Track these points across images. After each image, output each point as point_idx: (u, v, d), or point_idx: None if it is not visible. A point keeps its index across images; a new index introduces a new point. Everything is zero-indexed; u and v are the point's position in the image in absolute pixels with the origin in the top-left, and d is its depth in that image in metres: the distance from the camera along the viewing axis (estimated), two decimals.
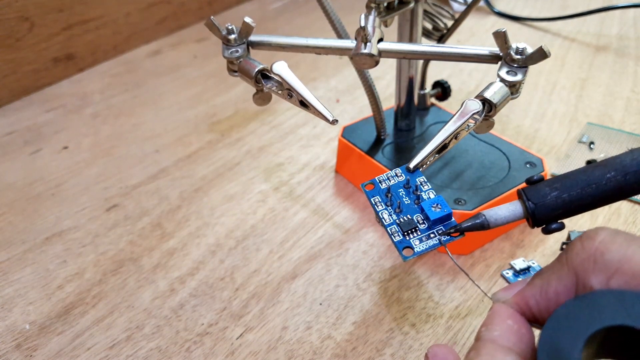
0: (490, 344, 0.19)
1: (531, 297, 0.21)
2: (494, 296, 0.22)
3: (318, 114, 0.33)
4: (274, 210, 0.45)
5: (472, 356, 0.19)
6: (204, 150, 0.54)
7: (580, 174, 0.23)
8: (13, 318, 0.37)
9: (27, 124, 0.60)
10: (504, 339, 0.19)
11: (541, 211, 0.23)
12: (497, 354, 0.19)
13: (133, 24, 0.76)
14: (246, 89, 0.64)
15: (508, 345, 0.19)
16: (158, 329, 0.36)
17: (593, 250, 0.19)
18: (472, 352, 0.20)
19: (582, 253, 0.19)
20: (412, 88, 0.45)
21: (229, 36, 0.36)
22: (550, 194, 0.23)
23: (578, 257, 0.20)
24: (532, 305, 0.21)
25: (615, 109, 0.55)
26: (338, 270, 0.39)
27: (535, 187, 0.24)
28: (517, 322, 0.20)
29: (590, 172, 0.23)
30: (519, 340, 0.20)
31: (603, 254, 0.19)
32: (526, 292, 0.21)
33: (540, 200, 0.23)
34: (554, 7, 0.80)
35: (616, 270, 0.18)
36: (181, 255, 0.41)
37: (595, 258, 0.19)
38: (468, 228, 0.25)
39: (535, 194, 0.23)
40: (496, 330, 0.20)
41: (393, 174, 0.28)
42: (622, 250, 0.19)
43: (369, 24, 0.35)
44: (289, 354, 0.34)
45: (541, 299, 0.20)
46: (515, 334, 0.20)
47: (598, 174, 0.23)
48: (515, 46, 0.31)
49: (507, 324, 0.20)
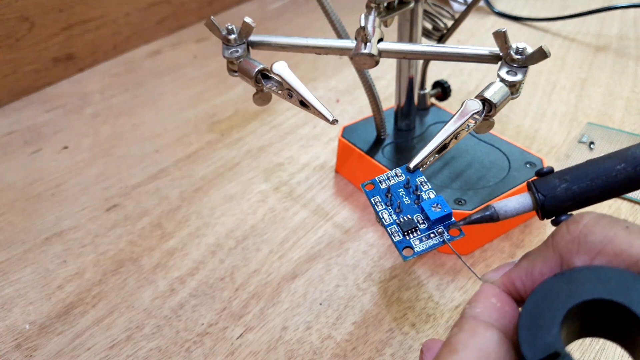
0: (472, 320, 0.20)
1: (517, 277, 0.21)
2: (483, 277, 0.23)
3: (318, 114, 0.33)
4: (274, 210, 0.45)
5: (455, 331, 0.20)
6: (204, 150, 0.54)
7: (590, 165, 0.23)
8: (13, 318, 0.37)
9: (27, 124, 0.60)
10: (485, 315, 0.20)
11: (551, 203, 0.23)
12: (479, 328, 0.19)
13: (133, 24, 0.76)
14: (246, 89, 0.64)
15: (490, 321, 0.20)
16: (158, 329, 0.36)
17: (577, 233, 0.20)
18: (455, 327, 0.20)
19: (567, 235, 0.20)
20: (412, 88, 0.45)
21: (229, 36, 0.36)
22: (559, 185, 0.23)
23: (563, 240, 0.20)
24: (518, 285, 0.21)
25: (615, 109, 0.55)
26: (338, 270, 0.39)
27: (545, 179, 0.24)
28: (501, 301, 0.21)
29: (601, 164, 0.23)
30: (501, 317, 0.20)
31: (586, 236, 0.19)
32: (512, 273, 0.22)
33: (549, 192, 0.23)
34: (554, 7, 0.80)
35: (599, 251, 0.19)
36: (181, 255, 0.41)
37: (579, 240, 0.20)
38: (477, 220, 0.25)
39: (545, 186, 0.23)
40: (479, 307, 0.20)
41: (393, 174, 0.28)
42: (604, 232, 0.19)
43: (369, 24, 0.35)
44: (289, 354, 0.34)
45: (526, 279, 0.21)
46: (497, 310, 0.20)
47: (608, 166, 0.23)
48: (515, 46, 0.31)
49: (490, 302, 0.21)
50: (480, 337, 0.19)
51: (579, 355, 0.32)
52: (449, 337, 0.20)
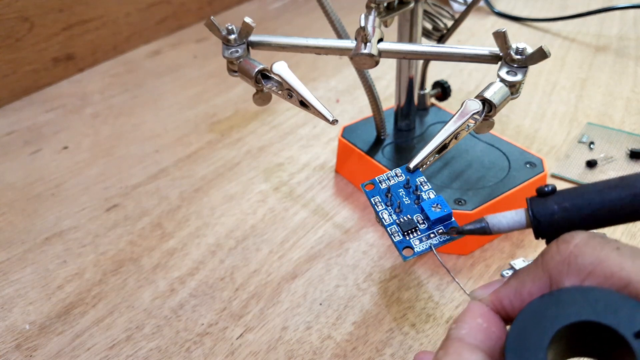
0: (458, 342, 0.20)
1: (505, 297, 0.21)
2: (471, 293, 0.22)
3: (318, 114, 0.33)
4: (274, 210, 0.45)
5: (440, 355, 0.19)
6: (204, 150, 0.54)
7: (595, 195, 0.21)
8: (13, 318, 0.37)
9: (27, 124, 0.60)
10: (471, 337, 0.20)
11: (545, 229, 0.22)
12: (464, 352, 0.19)
13: (133, 24, 0.76)
14: (246, 89, 0.64)
15: (475, 343, 0.19)
16: (158, 329, 0.36)
17: (567, 254, 0.19)
18: (440, 351, 0.20)
19: (557, 256, 0.20)
20: (412, 88, 0.45)
21: (229, 36, 0.36)
22: (557, 212, 0.22)
23: (553, 260, 0.20)
24: (506, 305, 0.21)
25: (615, 109, 0.55)
26: (338, 270, 0.39)
27: (544, 201, 0.22)
28: (488, 321, 0.20)
29: (606, 194, 0.21)
30: (486, 338, 0.20)
31: (577, 257, 0.19)
32: (501, 292, 0.21)
33: (545, 218, 0.22)
34: (554, 7, 0.80)
35: (589, 273, 0.19)
36: (181, 255, 0.41)
37: (570, 261, 0.19)
38: (470, 231, 0.24)
39: (542, 210, 0.22)
40: (464, 329, 0.20)
41: (393, 174, 0.28)
42: (595, 253, 0.19)
43: (369, 24, 0.35)
44: (289, 354, 0.34)
45: (515, 299, 0.21)
46: (483, 332, 0.20)
47: (614, 197, 0.21)
48: (515, 46, 0.31)
49: (476, 322, 0.20)
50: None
51: None
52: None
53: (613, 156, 0.48)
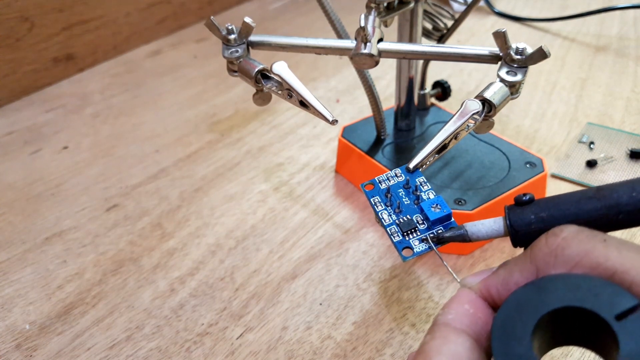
0: (444, 327, 0.20)
1: (493, 286, 0.21)
2: (462, 281, 0.23)
3: (318, 114, 0.33)
4: (274, 210, 0.45)
5: (427, 339, 0.20)
6: (204, 150, 0.54)
7: (570, 205, 0.22)
8: (13, 318, 0.37)
9: (27, 124, 0.60)
10: (457, 322, 0.20)
11: (522, 239, 0.23)
12: (451, 335, 0.19)
13: (133, 24, 0.76)
14: (246, 89, 0.64)
15: (461, 327, 0.20)
16: (158, 329, 0.36)
17: (555, 246, 0.20)
18: (427, 335, 0.20)
19: (545, 248, 0.20)
20: (412, 88, 0.45)
21: (229, 36, 0.36)
22: (534, 222, 0.22)
23: (540, 252, 0.20)
24: (494, 293, 0.21)
25: (615, 109, 0.55)
26: (338, 270, 0.39)
27: (522, 211, 0.23)
28: (475, 307, 0.21)
29: (583, 204, 0.21)
30: (473, 323, 0.20)
31: (564, 249, 0.19)
32: (489, 280, 0.22)
33: (522, 228, 0.22)
34: (554, 7, 0.80)
35: (575, 264, 0.19)
36: (181, 255, 0.41)
37: (557, 253, 0.20)
38: (449, 239, 0.25)
39: (519, 220, 0.22)
40: (451, 314, 0.20)
41: (393, 174, 0.28)
42: (582, 245, 0.19)
43: (369, 24, 0.35)
44: (289, 354, 0.34)
45: (502, 289, 0.21)
46: (469, 317, 0.20)
47: (590, 207, 0.21)
48: (515, 46, 0.31)
49: (463, 308, 0.21)
50: (452, 344, 0.19)
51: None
52: (422, 345, 0.20)
53: (613, 156, 0.48)
